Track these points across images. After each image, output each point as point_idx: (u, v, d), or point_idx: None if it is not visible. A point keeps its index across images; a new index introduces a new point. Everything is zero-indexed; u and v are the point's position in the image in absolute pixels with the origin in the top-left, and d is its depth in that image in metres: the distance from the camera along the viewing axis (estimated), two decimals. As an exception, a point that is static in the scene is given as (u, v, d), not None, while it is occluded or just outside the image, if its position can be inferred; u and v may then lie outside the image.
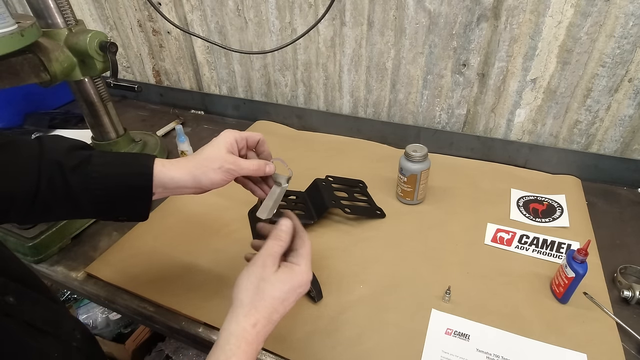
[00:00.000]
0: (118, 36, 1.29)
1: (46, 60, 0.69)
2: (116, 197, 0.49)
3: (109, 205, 0.49)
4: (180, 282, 0.66)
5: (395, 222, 0.77)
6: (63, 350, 0.42)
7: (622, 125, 0.82)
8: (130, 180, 0.49)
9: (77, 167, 0.48)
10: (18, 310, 0.39)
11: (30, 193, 0.46)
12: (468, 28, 0.84)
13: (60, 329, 0.44)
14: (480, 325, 0.57)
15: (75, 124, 1.19)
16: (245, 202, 0.80)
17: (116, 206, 0.50)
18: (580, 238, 0.70)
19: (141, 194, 0.50)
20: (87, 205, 0.48)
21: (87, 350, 0.47)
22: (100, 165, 0.49)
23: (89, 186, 0.48)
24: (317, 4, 0.95)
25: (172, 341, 1.18)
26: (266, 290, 0.44)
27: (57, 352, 0.41)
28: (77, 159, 0.48)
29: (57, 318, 0.45)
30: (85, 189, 0.48)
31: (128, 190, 0.49)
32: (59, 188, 0.47)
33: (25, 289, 0.43)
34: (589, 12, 0.74)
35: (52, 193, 0.47)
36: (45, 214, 0.49)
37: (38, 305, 0.43)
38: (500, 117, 0.92)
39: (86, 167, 0.48)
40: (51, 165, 0.47)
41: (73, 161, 0.48)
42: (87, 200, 0.48)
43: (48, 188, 0.46)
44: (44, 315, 0.43)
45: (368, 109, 1.05)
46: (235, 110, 1.20)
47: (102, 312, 1.26)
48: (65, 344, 0.44)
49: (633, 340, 0.55)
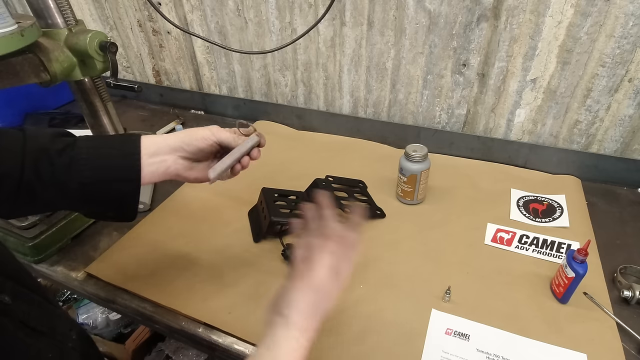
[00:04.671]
0: (118, 36, 1.29)
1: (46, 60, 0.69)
2: (104, 179, 0.49)
3: (96, 189, 0.49)
4: (180, 282, 0.66)
5: (395, 222, 0.77)
6: (59, 351, 0.42)
7: (622, 125, 0.82)
8: (118, 160, 0.50)
9: (63, 150, 0.48)
10: (13, 309, 0.39)
11: (14, 176, 0.45)
12: (468, 28, 0.84)
13: (55, 329, 0.44)
14: (480, 325, 0.57)
15: (75, 124, 1.19)
16: (245, 202, 0.80)
17: (104, 190, 0.49)
18: (580, 238, 0.70)
19: (129, 175, 0.50)
20: (74, 190, 0.48)
21: (83, 350, 0.46)
22: (86, 148, 0.49)
23: (76, 168, 0.48)
24: (317, 4, 0.95)
25: (172, 341, 1.18)
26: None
27: (52, 352, 0.40)
28: (62, 143, 0.48)
29: (52, 318, 0.45)
30: (72, 171, 0.47)
31: (116, 170, 0.50)
32: (45, 171, 0.46)
33: (21, 289, 0.43)
34: (589, 12, 0.74)
35: (37, 176, 0.46)
36: (31, 201, 0.48)
37: (33, 305, 0.43)
38: (500, 117, 0.92)
39: (72, 149, 0.48)
40: (36, 149, 0.47)
41: (58, 145, 0.48)
42: (74, 183, 0.48)
43: (33, 171, 0.46)
44: (39, 315, 0.43)
45: (368, 109, 1.05)
46: (235, 110, 1.20)
47: (102, 312, 1.26)
48: (60, 344, 0.44)
49: (633, 340, 0.55)
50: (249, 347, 0.57)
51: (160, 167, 0.53)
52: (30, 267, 0.72)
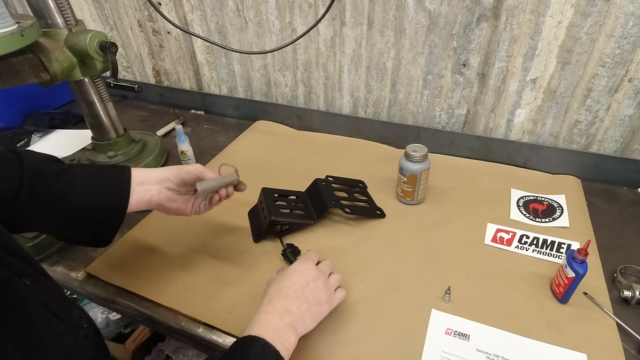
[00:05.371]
0: (118, 36, 1.29)
1: (46, 60, 0.70)
2: (94, 206, 0.52)
3: (85, 214, 0.52)
4: (180, 282, 0.66)
5: (395, 222, 0.77)
6: (74, 338, 0.43)
7: (622, 125, 0.82)
8: (109, 188, 0.54)
9: (58, 175, 0.51)
10: (36, 293, 0.40)
11: (12, 193, 0.47)
12: (468, 28, 0.84)
13: (71, 315, 0.45)
14: (480, 325, 0.57)
15: (75, 124, 1.19)
16: (245, 203, 0.80)
17: (92, 215, 0.53)
18: (580, 238, 0.70)
19: (118, 203, 0.54)
20: (64, 213, 0.50)
21: (93, 339, 0.47)
22: (80, 175, 0.53)
23: (70, 192, 0.50)
24: (317, 4, 0.95)
25: (172, 341, 1.18)
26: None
27: (69, 338, 0.41)
28: (57, 168, 0.52)
29: (67, 305, 0.46)
30: (66, 195, 0.50)
31: (106, 197, 0.53)
32: (40, 192, 0.49)
33: (38, 274, 0.43)
34: (589, 12, 0.74)
35: (34, 196, 0.48)
36: (23, 221, 0.50)
37: (50, 290, 0.44)
38: (500, 117, 0.92)
39: (67, 175, 0.51)
40: (33, 171, 0.49)
41: (54, 169, 0.51)
42: (66, 207, 0.50)
43: (30, 191, 0.48)
44: (56, 300, 0.44)
45: (368, 109, 1.05)
46: (235, 110, 1.20)
47: (102, 312, 1.26)
48: (75, 331, 0.44)
49: (633, 340, 0.55)
50: (249, 347, 0.57)
51: (145, 195, 0.57)
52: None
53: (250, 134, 1.10)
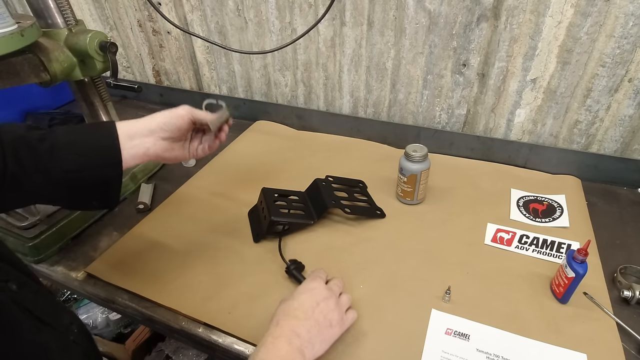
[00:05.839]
0: (118, 36, 1.29)
1: (46, 60, 0.69)
2: (87, 165, 0.50)
3: (80, 175, 0.50)
4: (180, 282, 0.66)
5: (395, 222, 0.77)
6: (62, 344, 0.42)
7: (622, 125, 0.82)
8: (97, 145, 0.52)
9: (42, 139, 0.49)
10: (21, 298, 0.39)
11: None
12: (468, 28, 0.84)
13: (59, 321, 0.44)
14: (480, 325, 0.57)
15: (75, 124, 1.19)
16: (245, 203, 0.80)
17: (88, 176, 0.51)
18: (580, 238, 0.70)
19: (111, 159, 0.51)
20: (58, 178, 0.49)
21: (83, 344, 0.46)
22: (64, 135, 0.51)
23: (57, 155, 0.49)
24: (317, 4, 0.95)
25: (172, 341, 1.18)
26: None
27: (56, 344, 0.40)
28: (39, 133, 0.50)
29: (56, 310, 0.45)
30: (54, 158, 0.49)
31: (97, 155, 0.51)
32: (27, 159, 0.47)
33: (26, 278, 0.43)
34: (589, 12, 0.74)
35: (20, 166, 0.47)
36: (17, 192, 0.49)
37: (38, 295, 0.43)
38: (500, 117, 0.92)
39: (51, 136, 0.49)
40: (14, 141, 0.48)
41: (36, 134, 0.49)
42: (57, 170, 0.49)
43: (15, 161, 0.47)
44: (44, 305, 0.43)
45: (368, 109, 1.05)
46: (235, 110, 1.20)
47: (102, 312, 1.26)
48: (63, 336, 0.43)
49: (633, 340, 0.55)
50: (249, 347, 0.57)
51: (140, 150, 0.54)
52: (30, 267, 0.72)
53: (250, 134, 1.10)
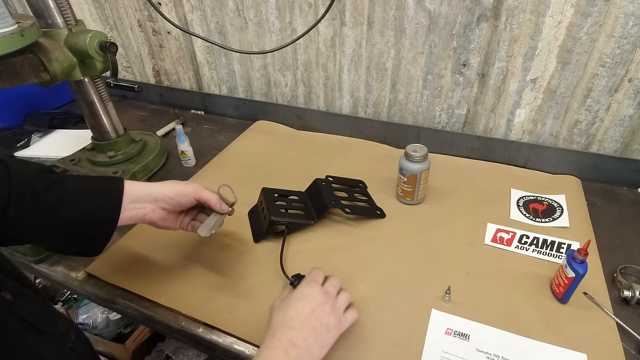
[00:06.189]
0: (118, 36, 1.29)
1: (46, 60, 0.70)
2: (84, 220, 0.51)
3: (74, 228, 0.51)
4: (180, 282, 0.66)
5: (395, 222, 0.77)
6: (59, 351, 0.42)
7: (622, 125, 0.82)
8: (100, 202, 0.53)
9: (49, 189, 0.50)
10: (16, 307, 0.39)
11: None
12: (468, 28, 0.84)
13: (55, 329, 0.44)
14: (480, 325, 0.57)
15: (75, 124, 1.19)
16: (245, 203, 0.80)
17: (81, 229, 0.52)
18: (580, 238, 0.70)
19: (109, 217, 0.53)
20: (53, 228, 0.50)
21: (81, 351, 0.46)
22: (71, 188, 0.51)
23: (60, 207, 0.50)
24: (317, 4, 0.95)
25: (172, 341, 1.18)
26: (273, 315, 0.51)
27: (53, 352, 0.41)
28: (48, 181, 0.50)
29: (52, 318, 0.45)
30: (55, 209, 0.49)
31: (97, 212, 0.52)
32: (29, 207, 0.48)
33: (21, 287, 0.43)
34: (589, 12, 0.74)
35: (21, 211, 0.47)
36: (12, 235, 0.49)
37: (33, 303, 0.43)
38: (500, 117, 0.92)
39: (58, 188, 0.50)
40: (21, 186, 0.48)
41: (45, 182, 0.50)
42: (55, 221, 0.49)
43: (18, 207, 0.47)
44: (40, 314, 0.43)
45: (368, 109, 1.05)
46: (235, 110, 1.21)
47: (102, 312, 1.26)
48: (60, 344, 0.44)
49: (633, 340, 0.55)
50: (249, 347, 0.57)
51: (138, 213, 0.56)
52: (30, 267, 0.72)
53: (250, 134, 1.10)
